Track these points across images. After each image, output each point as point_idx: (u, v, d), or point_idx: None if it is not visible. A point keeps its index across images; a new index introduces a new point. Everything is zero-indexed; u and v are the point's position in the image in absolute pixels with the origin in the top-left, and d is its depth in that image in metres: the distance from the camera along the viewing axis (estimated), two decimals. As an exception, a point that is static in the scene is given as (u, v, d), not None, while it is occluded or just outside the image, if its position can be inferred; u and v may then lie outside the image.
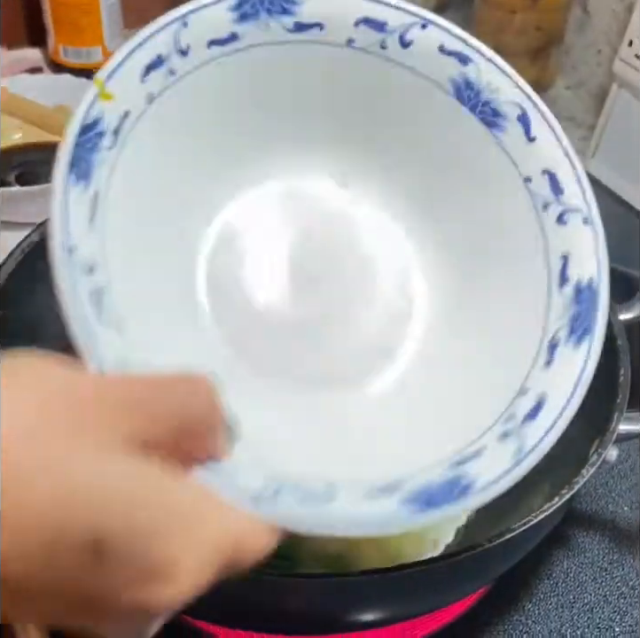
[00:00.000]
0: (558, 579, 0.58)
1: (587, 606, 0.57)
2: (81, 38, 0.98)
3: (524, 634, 0.55)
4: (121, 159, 0.38)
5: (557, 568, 0.59)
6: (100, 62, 0.99)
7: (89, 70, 0.99)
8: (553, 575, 0.58)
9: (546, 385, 0.40)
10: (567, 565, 0.59)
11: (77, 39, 0.98)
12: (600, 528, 0.61)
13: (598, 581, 0.58)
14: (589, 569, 0.59)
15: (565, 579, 0.58)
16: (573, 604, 0.57)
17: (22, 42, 1.05)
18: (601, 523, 0.62)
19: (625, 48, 0.85)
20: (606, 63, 0.97)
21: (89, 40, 0.98)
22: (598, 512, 0.62)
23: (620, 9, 0.94)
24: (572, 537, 0.61)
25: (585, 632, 0.55)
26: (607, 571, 0.59)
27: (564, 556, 0.59)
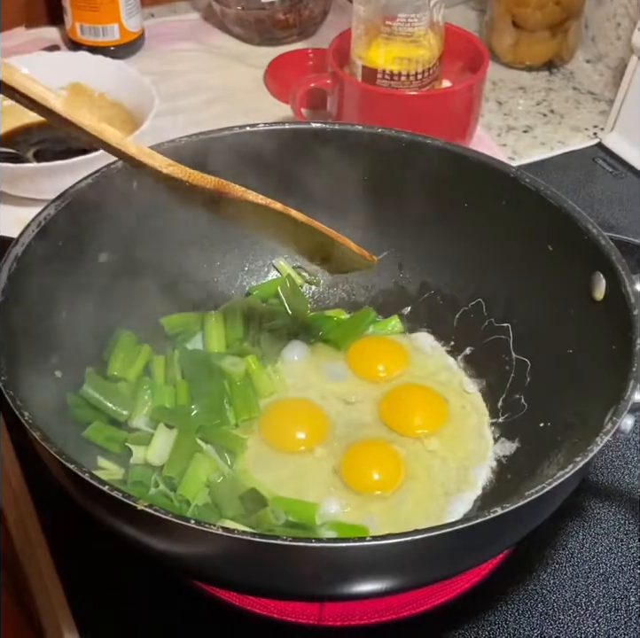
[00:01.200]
0: (573, 550, 0.58)
1: (602, 576, 0.57)
2: (98, 16, 0.98)
3: (539, 603, 0.56)
4: None
5: (572, 539, 0.59)
6: (117, 40, 1.00)
7: (106, 47, 0.99)
8: (569, 546, 0.58)
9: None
10: (583, 536, 0.59)
11: (94, 17, 0.98)
12: (616, 499, 0.61)
13: (614, 552, 0.58)
14: (604, 539, 0.59)
15: (580, 549, 0.58)
16: (588, 574, 0.57)
17: (41, 22, 1.06)
18: (617, 494, 0.62)
19: (644, 19, 0.84)
20: (626, 36, 0.96)
21: (106, 18, 0.98)
22: (614, 484, 0.62)
23: (639, -20, 0.93)
24: (587, 508, 0.61)
25: (600, 601, 0.55)
26: (623, 542, 0.59)
27: (579, 526, 0.60)
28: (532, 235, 0.63)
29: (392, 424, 0.62)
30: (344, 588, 0.47)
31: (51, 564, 0.57)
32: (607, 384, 0.53)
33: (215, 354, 0.66)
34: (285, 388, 0.65)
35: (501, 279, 0.67)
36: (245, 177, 0.67)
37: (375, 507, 0.58)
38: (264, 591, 0.49)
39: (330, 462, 0.60)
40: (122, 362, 0.63)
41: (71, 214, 0.60)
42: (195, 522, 0.41)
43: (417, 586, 0.51)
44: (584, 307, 0.59)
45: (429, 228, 0.69)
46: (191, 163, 0.64)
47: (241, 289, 0.72)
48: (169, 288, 0.68)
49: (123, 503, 0.42)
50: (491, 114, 0.96)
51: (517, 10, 0.98)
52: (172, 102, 0.94)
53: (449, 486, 0.59)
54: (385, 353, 0.68)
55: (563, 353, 0.61)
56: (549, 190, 0.62)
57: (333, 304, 0.72)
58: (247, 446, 0.60)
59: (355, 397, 0.65)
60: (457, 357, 0.68)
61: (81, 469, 0.43)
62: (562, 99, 0.99)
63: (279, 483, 0.59)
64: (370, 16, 0.80)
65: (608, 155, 0.91)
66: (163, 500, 0.55)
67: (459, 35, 0.88)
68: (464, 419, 0.64)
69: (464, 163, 0.66)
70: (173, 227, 0.66)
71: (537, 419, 0.61)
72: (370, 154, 0.67)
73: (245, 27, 1.04)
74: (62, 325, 0.59)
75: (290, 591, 0.48)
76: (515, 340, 0.66)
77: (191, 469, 0.56)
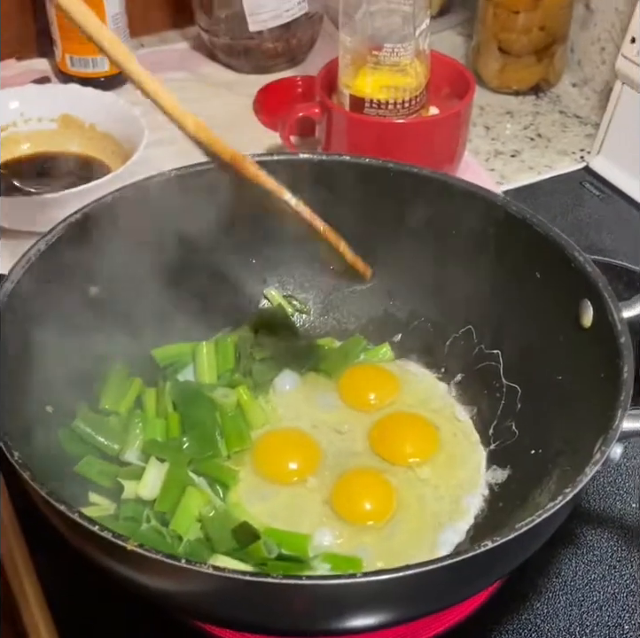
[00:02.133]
0: (566, 578, 0.58)
1: (596, 604, 0.57)
2: (87, 48, 0.98)
3: (533, 633, 0.55)
4: None
5: (565, 566, 0.59)
6: (107, 71, 1.00)
7: (97, 78, 1.00)
8: (562, 573, 0.58)
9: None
10: (576, 563, 0.59)
11: (83, 49, 0.98)
12: (608, 526, 0.61)
13: (607, 579, 0.58)
14: (597, 567, 0.59)
15: (573, 577, 0.58)
16: (581, 603, 0.57)
17: (32, 53, 1.06)
18: (609, 520, 0.62)
19: (627, 45, 0.85)
20: (610, 60, 0.97)
21: (95, 49, 0.98)
22: (606, 510, 0.62)
23: (622, 6, 0.94)
24: (580, 535, 0.61)
25: (594, 630, 0.55)
26: (616, 569, 0.59)
27: (572, 554, 0.60)
28: (520, 262, 0.64)
29: (383, 452, 0.63)
30: (337, 623, 0.47)
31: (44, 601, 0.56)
32: (596, 411, 0.53)
33: (207, 385, 0.66)
34: (277, 418, 0.65)
35: (490, 306, 0.67)
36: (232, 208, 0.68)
37: (368, 537, 0.58)
38: (257, 628, 0.49)
39: (322, 493, 0.60)
40: (114, 396, 0.63)
41: (61, 249, 0.60)
42: (186, 561, 0.41)
43: (410, 619, 0.51)
44: (573, 334, 0.59)
45: (417, 255, 0.69)
46: (180, 195, 0.65)
47: (232, 319, 0.72)
48: (160, 319, 0.68)
49: (113, 544, 0.42)
50: (479, 139, 0.97)
51: (502, 35, 0.99)
52: (162, 132, 0.94)
53: (442, 515, 0.59)
54: (376, 381, 0.68)
55: (552, 379, 0.61)
56: (535, 218, 0.62)
57: (324, 332, 0.72)
58: (239, 478, 0.60)
59: (347, 426, 0.65)
60: (448, 384, 0.68)
61: (70, 509, 0.44)
62: (549, 123, 1.00)
63: (272, 514, 0.59)
64: (356, 46, 0.81)
65: (595, 178, 0.91)
66: (155, 535, 0.55)
67: (445, 62, 0.89)
68: (456, 447, 0.64)
69: (451, 192, 0.66)
70: (163, 257, 0.66)
71: (528, 446, 0.61)
72: (359, 184, 0.68)
73: (234, 56, 1.05)
74: (53, 359, 0.60)
75: (283, 627, 0.48)
76: (505, 367, 0.66)
77: (183, 503, 0.56)
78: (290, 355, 0.70)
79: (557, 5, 0.97)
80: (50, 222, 0.62)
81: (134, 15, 1.03)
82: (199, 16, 1.05)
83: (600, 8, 0.97)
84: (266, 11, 1.00)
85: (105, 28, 0.52)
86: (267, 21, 1.00)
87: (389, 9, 0.80)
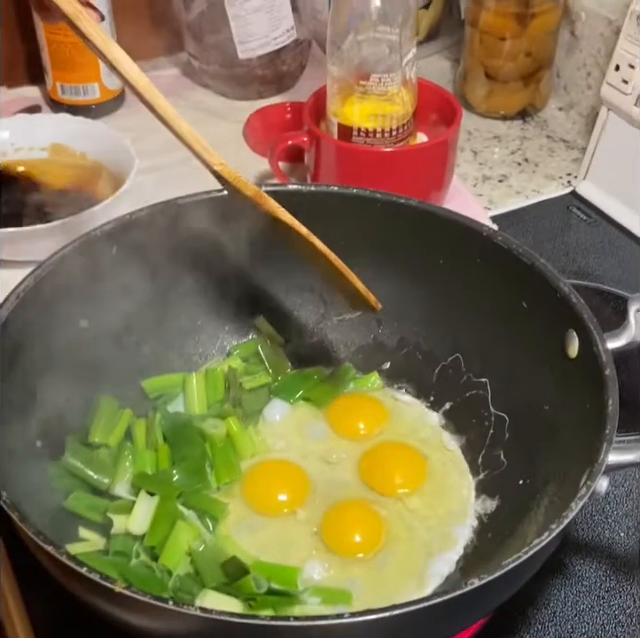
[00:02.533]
0: (555, 609, 0.58)
1: (585, 635, 0.57)
2: (78, 76, 0.99)
3: (523, 664, 0.56)
4: None
5: (554, 597, 0.59)
6: (97, 99, 1.01)
7: (87, 106, 1.01)
8: (551, 604, 0.59)
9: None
10: (565, 594, 0.59)
11: (74, 77, 0.99)
12: (597, 555, 0.62)
13: (596, 610, 0.58)
14: (586, 597, 0.59)
15: (562, 608, 0.59)
16: (571, 634, 0.57)
17: (22, 81, 1.07)
18: (598, 550, 0.62)
19: (612, 73, 0.86)
20: (596, 85, 0.98)
21: (86, 77, 0.99)
22: (595, 539, 0.63)
23: (607, 33, 0.95)
24: (569, 565, 0.61)
25: (583, 661, 0.56)
26: (605, 600, 0.59)
27: (561, 584, 0.60)
28: (506, 292, 0.64)
29: (372, 483, 0.63)
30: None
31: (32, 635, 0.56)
32: (582, 442, 0.54)
33: (197, 416, 0.66)
34: (267, 449, 0.66)
35: (478, 334, 0.67)
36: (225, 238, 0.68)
37: (358, 570, 0.58)
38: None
39: (311, 525, 0.60)
40: (103, 428, 0.63)
41: (51, 284, 0.60)
42: (173, 603, 0.42)
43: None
44: (559, 364, 0.60)
45: (405, 284, 0.70)
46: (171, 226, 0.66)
47: (222, 349, 0.72)
48: (150, 350, 0.68)
49: (101, 585, 0.42)
50: (467, 164, 0.98)
51: (489, 61, 1.01)
52: (153, 159, 0.95)
53: (431, 546, 0.59)
54: (365, 410, 0.69)
55: (540, 409, 0.61)
56: (521, 249, 0.63)
57: (313, 361, 0.73)
58: (229, 510, 0.61)
59: (337, 456, 0.65)
60: (437, 412, 0.69)
61: (58, 551, 0.44)
62: (536, 147, 1.01)
63: (261, 547, 0.59)
64: (343, 75, 0.82)
65: (582, 203, 0.92)
66: (144, 570, 0.55)
67: (432, 89, 0.89)
68: (445, 477, 0.64)
69: (438, 222, 0.67)
70: (152, 288, 0.66)
71: (517, 476, 0.61)
72: (347, 214, 0.68)
73: (224, 82, 1.06)
74: (43, 393, 0.60)
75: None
76: (493, 395, 0.66)
77: (173, 538, 0.56)
78: (279, 385, 0.70)
79: (543, 32, 0.98)
80: (42, 252, 0.63)
81: (124, 42, 1.03)
82: (189, 43, 1.06)
83: (585, 34, 0.98)
84: (255, 38, 1.00)
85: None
86: (256, 49, 1.01)
87: (376, 38, 0.81)
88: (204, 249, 0.68)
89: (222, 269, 0.70)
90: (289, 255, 0.70)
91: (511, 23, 0.97)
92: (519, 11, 0.96)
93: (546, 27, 0.97)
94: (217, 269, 0.69)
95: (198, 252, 0.68)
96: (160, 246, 0.65)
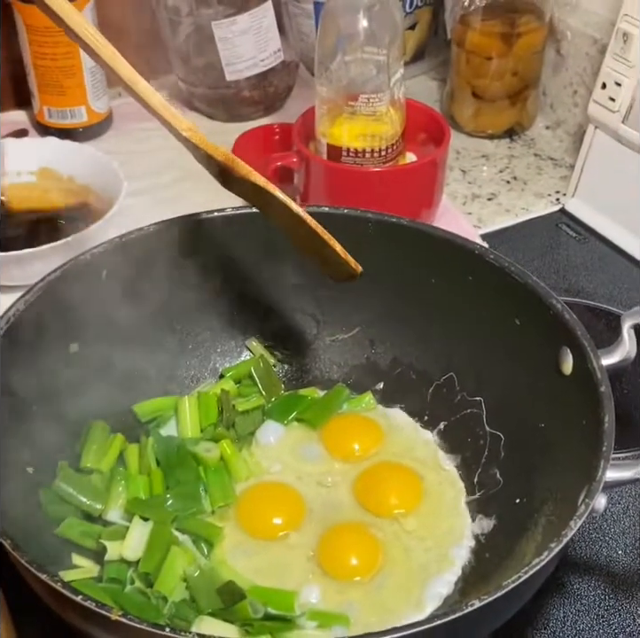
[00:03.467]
0: (555, 628, 0.58)
1: (585, 656, 0.57)
2: (65, 100, 0.99)
3: (524, 686, 0.55)
4: None
5: (553, 617, 0.59)
6: (85, 122, 1.01)
7: (75, 129, 1.00)
8: (550, 624, 0.58)
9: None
10: (564, 613, 0.59)
11: (61, 101, 0.99)
12: (596, 573, 0.61)
13: (596, 629, 0.58)
14: (585, 616, 0.58)
15: (562, 627, 0.58)
16: (571, 654, 0.57)
17: (9, 106, 1.07)
18: (596, 568, 0.62)
19: (598, 90, 0.86)
20: (582, 103, 0.99)
21: (73, 101, 0.99)
22: (593, 557, 0.62)
23: (592, 51, 0.96)
24: (567, 583, 0.60)
25: (585, 682, 0.55)
26: (604, 618, 0.58)
27: (560, 603, 0.59)
28: (499, 309, 0.64)
29: (368, 505, 0.62)
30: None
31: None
32: (579, 460, 0.53)
33: (190, 439, 0.65)
34: (261, 471, 0.65)
35: (471, 353, 0.67)
36: (212, 262, 0.68)
37: (355, 593, 0.57)
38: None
39: (307, 548, 0.59)
40: (95, 454, 0.62)
41: (40, 309, 0.60)
42: (170, 630, 0.41)
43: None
44: (554, 382, 0.60)
45: (398, 303, 0.70)
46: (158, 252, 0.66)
47: (214, 371, 0.72)
48: (141, 373, 0.68)
49: (97, 613, 0.42)
50: (456, 183, 0.98)
51: (476, 81, 1.01)
52: (141, 181, 0.95)
53: (429, 567, 0.59)
54: (359, 431, 0.68)
55: (535, 427, 0.61)
56: (513, 266, 0.63)
57: (307, 382, 0.72)
58: (224, 534, 0.60)
59: (331, 478, 0.65)
60: (432, 432, 0.68)
61: (53, 578, 0.43)
62: (524, 166, 1.01)
63: (257, 571, 0.58)
64: (332, 96, 0.82)
65: (571, 220, 0.93)
66: (139, 597, 0.54)
67: (420, 109, 0.90)
68: (442, 496, 0.64)
69: (430, 240, 0.67)
70: (143, 312, 0.66)
71: (513, 495, 0.61)
72: (338, 235, 0.68)
73: (212, 104, 1.06)
74: (33, 419, 0.59)
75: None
76: (488, 414, 0.66)
77: (167, 563, 0.56)
78: (273, 406, 0.69)
79: (529, 51, 0.98)
80: (30, 277, 0.62)
81: (111, 66, 1.04)
82: (177, 65, 1.06)
83: (571, 53, 0.99)
84: (243, 60, 1.01)
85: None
86: (243, 71, 1.01)
87: (364, 59, 0.82)
88: (195, 271, 0.68)
89: (213, 291, 0.70)
90: (280, 276, 0.70)
91: (497, 43, 0.98)
92: (505, 30, 0.96)
93: (532, 47, 0.98)
94: (208, 291, 0.69)
95: (188, 274, 0.68)
96: (150, 269, 0.65)
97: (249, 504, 0.62)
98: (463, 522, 0.62)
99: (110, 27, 1.01)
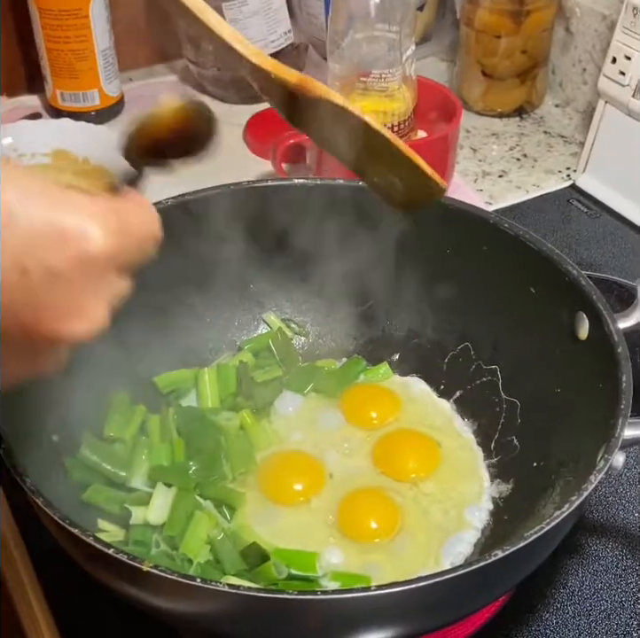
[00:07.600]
0: (573, 588, 0.59)
1: (603, 613, 0.57)
2: (78, 83, 1.00)
3: (543, 643, 0.56)
4: None
5: (572, 577, 0.59)
6: (97, 105, 1.02)
7: (87, 113, 1.01)
8: (569, 584, 0.59)
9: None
10: (582, 574, 0.60)
11: (74, 84, 1.00)
12: (612, 535, 0.62)
13: (614, 588, 0.59)
14: (603, 576, 0.59)
15: (580, 587, 0.59)
16: (589, 612, 0.57)
17: (21, 90, 1.08)
18: (613, 530, 0.62)
19: (609, 65, 0.87)
20: (592, 80, 0.99)
21: (86, 84, 1.00)
22: (610, 520, 0.63)
23: (601, 28, 0.96)
24: (585, 546, 0.61)
25: (603, 639, 0.56)
26: (622, 578, 0.59)
27: (578, 565, 0.60)
28: (514, 278, 0.65)
29: (386, 470, 0.63)
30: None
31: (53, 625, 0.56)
32: (597, 421, 0.54)
33: (210, 409, 0.66)
34: (280, 440, 0.66)
35: (486, 322, 0.68)
36: (231, 235, 0.69)
37: (375, 555, 0.58)
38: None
39: (327, 513, 0.60)
40: (118, 423, 0.63)
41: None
42: (201, 580, 0.42)
43: (421, 632, 0.51)
44: (569, 347, 0.60)
45: (412, 275, 0.70)
46: (177, 223, 0.66)
47: (232, 343, 0.73)
48: (161, 346, 0.68)
49: (129, 565, 0.43)
50: (466, 161, 0.99)
51: (485, 60, 1.02)
52: (155, 162, 0.96)
53: (448, 528, 0.60)
54: (377, 400, 0.69)
55: (551, 392, 0.62)
56: (528, 234, 0.64)
57: (323, 354, 0.73)
58: (245, 500, 0.61)
59: (350, 445, 0.66)
60: (449, 400, 0.69)
61: (85, 533, 0.44)
62: (534, 143, 1.02)
63: (279, 535, 0.59)
64: (344, 73, 0.83)
65: (582, 196, 0.93)
66: (165, 559, 0.55)
67: (431, 87, 0.91)
68: (459, 461, 0.64)
69: (445, 211, 0.67)
70: (163, 285, 0.67)
71: (530, 459, 0.62)
72: (352, 207, 0.69)
73: (222, 87, 1.07)
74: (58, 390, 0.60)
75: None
76: (504, 382, 0.67)
77: (192, 527, 0.57)
78: (291, 377, 0.70)
79: (538, 29, 0.99)
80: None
81: (123, 50, 1.04)
82: (187, 49, 1.07)
83: (580, 30, 1.00)
84: (253, 42, 1.00)
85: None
86: (254, 52, 1.02)
87: (375, 36, 0.82)
88: (216, 245, 0.68)
89: (230, 266, 0.70)
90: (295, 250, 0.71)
91: (506, 21, 0.98)
92: (514, 8, 0.97)
93: (541, 24, 0.99)
94: (227, 265, 0.70)
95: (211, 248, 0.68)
96: (170, 240, 0.66)
97: (270, 471, 0.63)
98: (480, 486, 0.63)
99: (121, 10, 1.02)
